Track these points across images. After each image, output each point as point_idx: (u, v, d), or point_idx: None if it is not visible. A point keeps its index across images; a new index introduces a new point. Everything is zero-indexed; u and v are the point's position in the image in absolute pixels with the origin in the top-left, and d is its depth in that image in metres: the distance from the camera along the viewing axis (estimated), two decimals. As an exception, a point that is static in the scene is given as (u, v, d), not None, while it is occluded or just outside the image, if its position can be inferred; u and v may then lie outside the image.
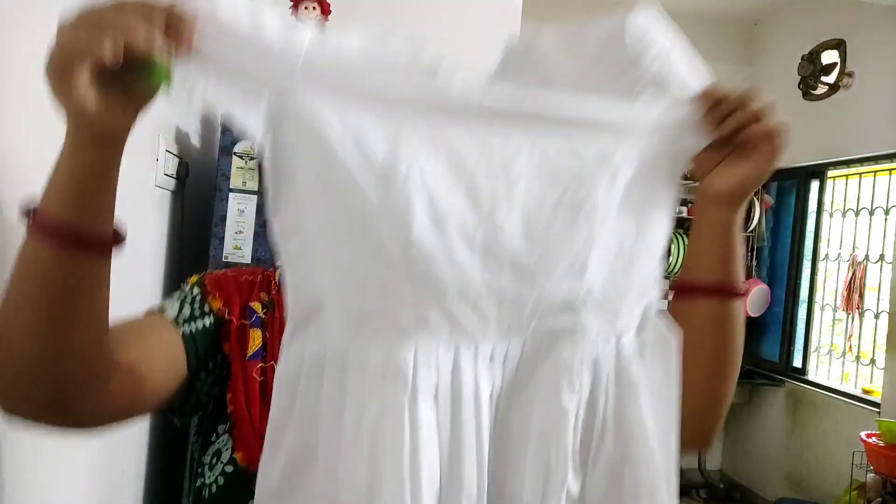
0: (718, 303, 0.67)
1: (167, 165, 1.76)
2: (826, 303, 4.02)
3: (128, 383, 0.62)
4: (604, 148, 0.59)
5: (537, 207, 0.56)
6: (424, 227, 0.52)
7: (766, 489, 4.13)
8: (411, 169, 0.52)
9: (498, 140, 0.56)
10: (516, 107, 0.57)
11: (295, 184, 0.54)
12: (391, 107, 0.53)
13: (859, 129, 3.67)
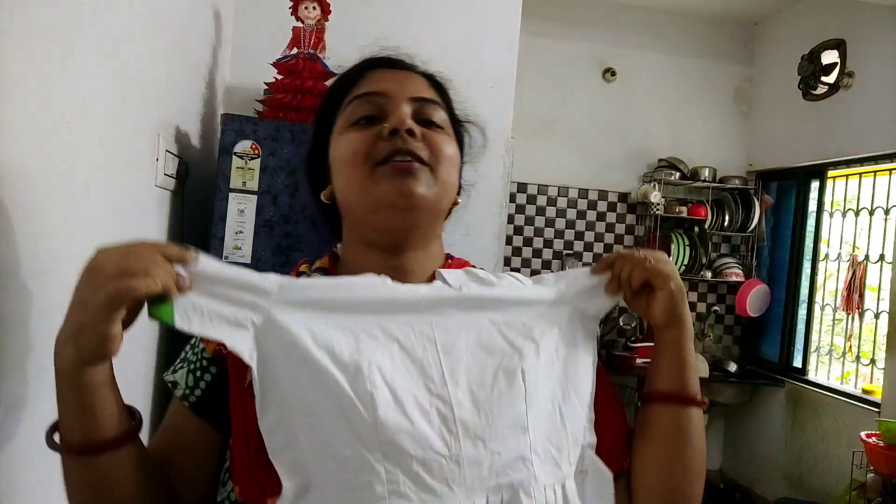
0: (677, 409, 0.77)
1: (167, 165, 1.76)
2: (826, 303, 4.02)
3: (191, 493, 0.77)
4: (526, 323, 0.73)
5: (479, 379, 0.68)
6: (388, 410, 0.63)
7: (766, 489, 4.13)
8: (371, 367, 0.65)
9: (439, 329, 0.69)
10: (450, 295, 0.72)
11: (279, 386, 0.65)
12: (351, 316, 0.68)
13: (859, 129, 3.67)
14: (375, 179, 0.74)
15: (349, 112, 0.78)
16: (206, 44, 2.20)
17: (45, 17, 1.01)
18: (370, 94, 0.78)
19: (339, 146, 0.78)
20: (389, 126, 0.74)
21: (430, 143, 0.76)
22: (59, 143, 1.10)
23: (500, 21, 2.74)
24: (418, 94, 0.79)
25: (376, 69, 0.82)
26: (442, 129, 0.79)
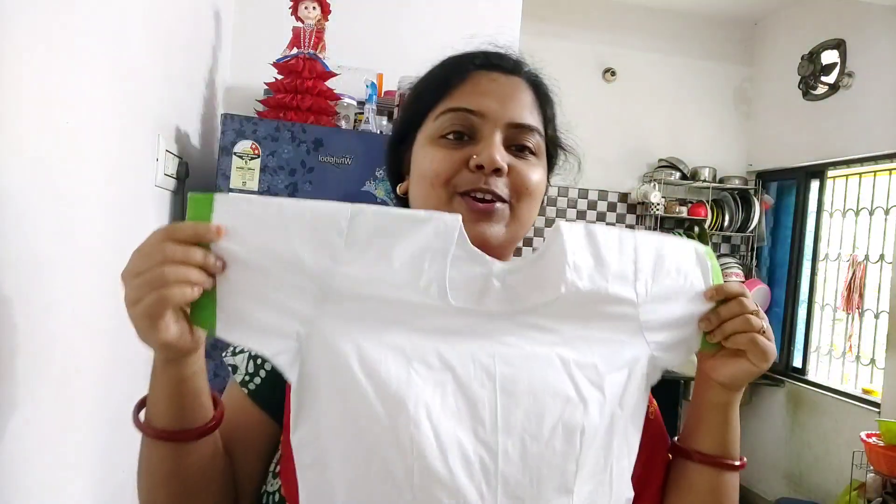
0: (714, 472, 0.73)
1: (167, 165, 1.76)
2: (826, 303, 4.02)
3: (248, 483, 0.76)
4: (598, 366, 0.65)
5: (535, 430, 0.62)
6: (427, 457, 0.58)
7: (766, 489, 4.13)
8: (418, 405, 0.59)
9: (501, 363, 0.62)
10: (514, 309, 0.64)
11: (316, 404, 0.61)
12: (409, 336, 0.62)
13: (859, 129, 3.67)
14: (452, 210, 0.70)
15: (441, 122, 0.74)
16: (206, 44, 2.20)
17: (45, 17, 1.01)
18: (467, 111, 0.73)
19: (423, 157, 0.74)
20: (477, 161, 0.70)
21: (515, 179, 0.72)
22: (59, 143, 1.10)
23: (501, 21, 2.74)
24: (517, 120, 0.73)
25: (482, 70, 0.76)
26: (534, 154, 0.75)
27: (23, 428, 1.04)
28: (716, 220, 4.30)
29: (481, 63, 0.76)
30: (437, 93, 0.76)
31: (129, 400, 0.71)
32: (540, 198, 0.76)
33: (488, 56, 0.78)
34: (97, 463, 1.40)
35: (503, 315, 0.64)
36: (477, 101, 0.73)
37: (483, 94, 0.74)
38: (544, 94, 0.80)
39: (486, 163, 0.70)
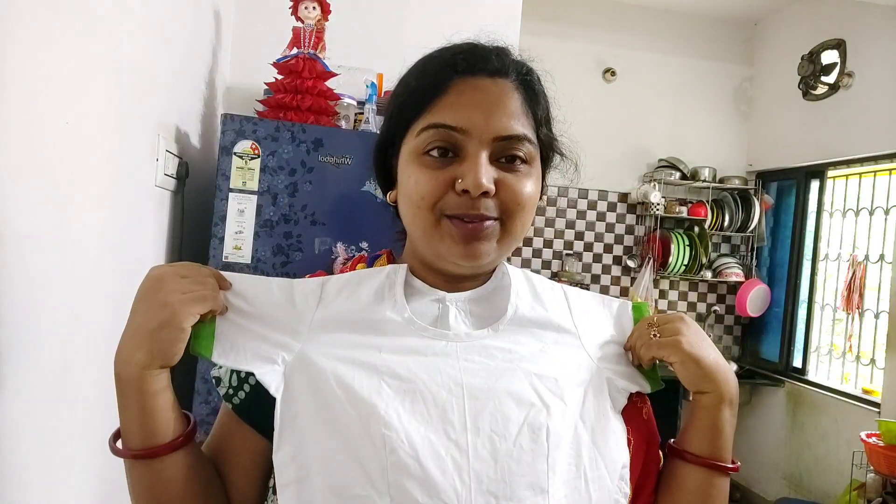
0: (705, 473, 0.74)
1: (167, 165, 1.76)
2: (826, 303, 4.02)
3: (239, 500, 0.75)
4: (558, 380, 0.70)
5: (503, 430, 0.65)
6: (400, 454, 0.62)
7: (766, 489, 4.13)
8: (388, 408, 0.64)
9: (468, 374, 0.68)
10: (473, 333, 0.72)
11: (298, 422, 0.67)
12: (380, 356, 0.68)
13: (859, 129, 3.67)
14: (441, 232, 0.70)
15: (423, 138, 0.70)
16: (206, 44, 2.20)
17: (45, 17, 1.01)
18: (449, 127, 0.69)
19: (407, 176, 0.72)
20: (462, 185, 0.68)
21: (505, 196, 0.70)
22: (59, 143, 1.10)
23: (500, 21, 2.74)
24: (504, 133, 0.69)
25: (465, 76, 0.71)
26: (526, 162, 0.72)
27: (22, 428, 1.04)
28: (716, 220, 4.30)
29: (464, 68, 0.71)
30: (417, 106, 0.72)
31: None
32: (534, 208, 0.74)
33: (471, 58, 0.72)
34: (96, 462, 1.40)
35: (464, 338, 0.71)
36: (459, 117, 0.69)
37: (466, 107, 0.69)
38: (535, 94, 0.75)
39: (471, 188, 0.67)
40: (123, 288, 1.54)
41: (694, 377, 0.72)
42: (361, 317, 0.71)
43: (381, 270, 0.75)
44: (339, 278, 0.74)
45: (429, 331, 0.71)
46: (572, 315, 0.77)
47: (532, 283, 0.77)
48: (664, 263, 4.22)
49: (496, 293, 0.75)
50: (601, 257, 4.47)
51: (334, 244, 1.99)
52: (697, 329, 0.74)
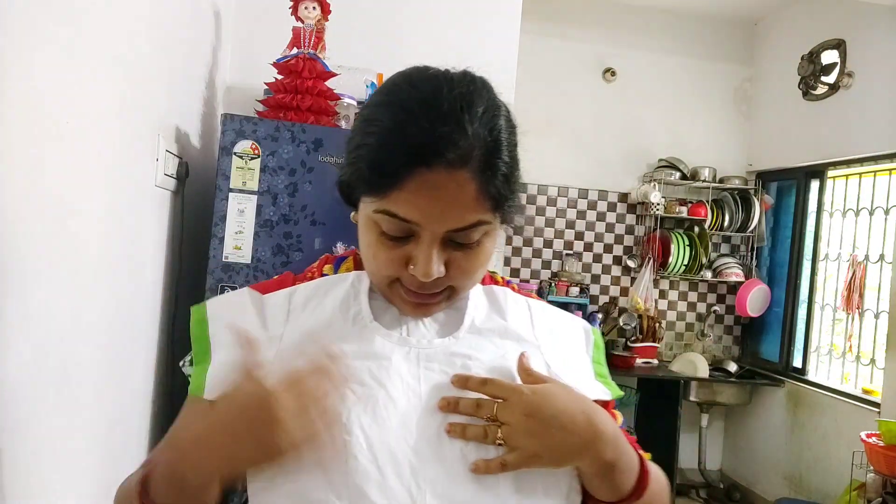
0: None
1: (167, 165, 1.76)
2: (826, 303, 4.02)
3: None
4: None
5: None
6: (361, 459, 0.65)
7: (766, 489, 4.13)
8: (351, 415, 0.67)
9: (425, 383, 0.71)
10: (433, 340, 0.75)
11: None
12: (345, 363, 0.69)
13: (859, 129, 3.67)
14: (393, 292, 0.75)
15: (378, 218, 0.70)
16: (206, 44, 2.20)
17: (45, 17, 1.01)
18: (403, 219, 0.68)
19: (365, 241, 0.74)
20: (413, 272, 0.70)
21: (456, 273, 0.72)
22: (59, 143, 1.10)
23: (500, 21, 2.74)
24: (457, 226, 0.69)
25: (421, 169, 0.66)
26: (479, 241, 0.72)
27: (22, 428, 1.04)
28: (716, 220, 4.30)
29: (421, 161, 0.66)
30: (372, 190, 0.70)
31: (128, 399, 0.72)
32: (486, 267, 0.76)
33: (428, 150, 0.66)
34: (97, 463, 1.40)
35: (426, 345, 0.74)
36: (413, 212, 0.68)
37: (421, 204, 0.67)
38: (494, 171, 0.69)
39: (420, 276, 0.70)
40: (123, 288, 1.54)
41: (561, 468, 0.72)
42: (328, 328, 0.74)
43: (346, 278, 0.79)
44: (307, 288, 0.78)
45: (392, 336, 0.74)
46: (534, 327, 0.80)
47: (494, 296, 0.81)
48: (664, 263, 4.22)
49: (455, 305, 0.79)
50: (601, 257, 4.47)
51: (334, 244, 1.99)
52: (542, 406, 0.69)
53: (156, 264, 1.80)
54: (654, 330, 4.26)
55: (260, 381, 0.62)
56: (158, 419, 1.89)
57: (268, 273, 1.95)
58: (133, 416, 1.66)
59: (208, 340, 0.75)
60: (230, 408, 0.63)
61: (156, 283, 1.81)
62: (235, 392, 0.64)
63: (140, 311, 1.70)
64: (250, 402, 0.62)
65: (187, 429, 0.71)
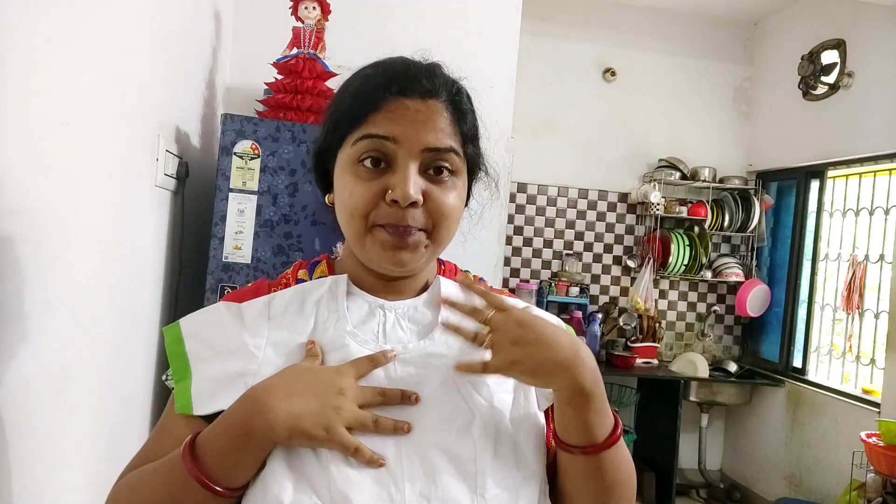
0: (588, 457, 0.75)
1: (167, 165, 1.76)
2: (826, 303, 4.02)
3: None
4: (489, 386, 0.76)
5: (435, 435, 0.72)
6: (341, 465, 0.68)
7: (766, 489, 4.13)
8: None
9: (400, 385, 0.73)
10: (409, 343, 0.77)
11: None
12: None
13: (859, 129, 3.67)
14: (371, 241, 0.76)
15: (357, 148, 0.76)
16: (206, 44, 2.20)
17: (45, 17, 1.01)
18: (382, 137, 0.74)
19: (342, 186, 0.77)
20: (392, 196, 0.73)
21: (431, 207, 0.75)
22: (59, 143, 1.10)
23: (500, 21, 2.74)
24: (432, 145, 0.75)
25: (398, 97, 0.76)
26: (452, 173, 0.77)
27: (22, 427, 1.04)
28: (716, 220, 4.30)
29: (397, 90, 0.76)
30: (352, 120, 0.77)
31: (128, 399, 0.72)
32: (458, 218, 0.80)
33: (404, 81, 0.77)
34: (97, 463, 1.40)
35: (401, 351, 0.76)
36: (391, 128, 0.74)
37: (398, 121, 0.75)
38: (462, 112, 0.79)
39: (400, 199, 0.73)
40: (123, 287, 1.54)
41: (537, 384, 0.75)
42: (307, 334, 0.76)
43: (323, 283, 0.80)
44: (284, 295, 0.79)
45: (370, 344, 0.76)
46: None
47: (469, 293, 0.81)
48: (664, 263, 4.22)
49: (432, 303, 0.81)
50: (601, 257, 4.47)
51: (334, 244, 1.99)
52: (533, 322, 0.72)
53: (156, 264, 1.80)
54: (654, 330, 4.26)
55: (335, 365, 0.72)
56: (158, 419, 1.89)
57: (268, 273, 1.95)
58: (133, 415, 1.66)
59: (186, 358, 0.76)
60: (305, 372, 0.70)
61: (156, 283, 1.81)
62: (308, 364, 0.72)
63: (140, 311, 1.69)
64: (325, 372, 0.71)
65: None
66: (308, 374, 0.70)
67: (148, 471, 0.73)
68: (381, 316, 0.79)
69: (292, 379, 0.69)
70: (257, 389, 0.69)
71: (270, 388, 0.68)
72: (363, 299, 0.80)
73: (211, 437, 0.69)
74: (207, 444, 0.69)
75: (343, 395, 0.69)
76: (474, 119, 0.82)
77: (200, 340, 0.77)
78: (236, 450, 0.68)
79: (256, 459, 0.68)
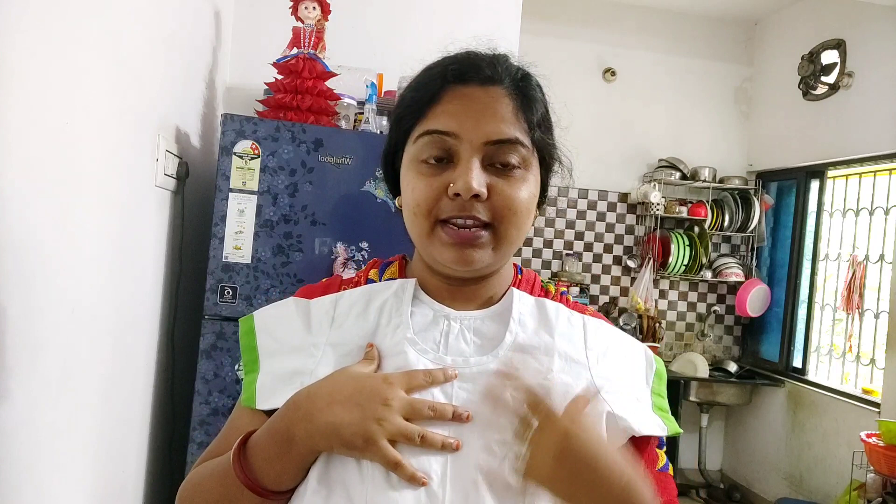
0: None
1: (167, 165, 1.76)
2: (826, 303, 4.02)
3: None
4: None
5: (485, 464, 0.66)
6: (382, 480, 0.65)
7: (766, 489, 4.13)
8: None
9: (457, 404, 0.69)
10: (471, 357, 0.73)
11: None
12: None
13: (859, 129, 3.67)
14: (435, 239, 0.72)
15: (419, 145, 0.73)
16: (206, 44, 2.20)
17: (45, 17, 1.01)
18: (442, 133, 0.71)
19: (406, 184, 0.75)
20: (454, 189, 0.69)
21: (497, 201, 0.71)
22: (60, 144, 1.10)
23: (501, 21, 2.74)
24: (494, 137, 0.71)
25: (456, 85, 0.73)
26: (519, 167, 0.72)
27: (22, 427, 1.04)
28: (716, 220, 4.30)
29: (455, 77, 0.73)
30: (413, 115, 0.74)
31: (127, 399, 0.72)
32: (530, 213, 0.74)
33: (462, 67, 0.74)
34: (97, 463, 1.40)
35: (461, 364, 0.71)
36: (450, 122, 0.71)
37: (457, 113, 0.71)
38: (528, 98, 0.75)
39: (462, 191, 0.69)
40: (124, 287, 1.54)
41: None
42: (367, 337, 0.74)
43: (391, 285, 0.77)
44: (352, 294, 0.78)
45: (429, 353, 0.72)
46: (587, 347, 0.75)
47: (544, 310, 0.76)
48: (664, 263, 4.22)
49: (501, 317, 0.76)
50: (601, 257, 4.47)
51: (334, 244, 1.99)
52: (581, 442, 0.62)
53: (156, 264, 1.80)
54: (654, 330, 4.26)
55: (384, 372, 0.69)
56: (158, 418, 1.89)
57: (268, 273, 1.95)
58: (133, 415, 1.66)
59: (256, 351, 0.76)
60: (350, 378, 0.68)
61: (156, 282, 1.81)
62: (357, 370, 0.69)
63: (140, 311, 1.69)
64: (372, 380, 0.67)
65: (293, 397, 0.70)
66: (353, 382, 0.67)
67: (208, 468, 0.73)
68: (445, 325, 0.74)
69: (337, 385, 0.67)
70: (301, 395, 0.68)
71: (313, 395, 0.67)
72: (429, 306, 0.76)
73: (258, 441, 0.69)
74: (255, 448, 0.68)
75: (388, 406, 0.65)
76: (544, 106, 0.78)
77: (269, 334, 0.77)
78: (281, 456, 0.67)
79: (302, 466, 0.67)
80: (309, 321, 0.76)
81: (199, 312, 1.90)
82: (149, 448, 1.83)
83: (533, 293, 0.80)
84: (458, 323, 0.74)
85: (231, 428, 0.77)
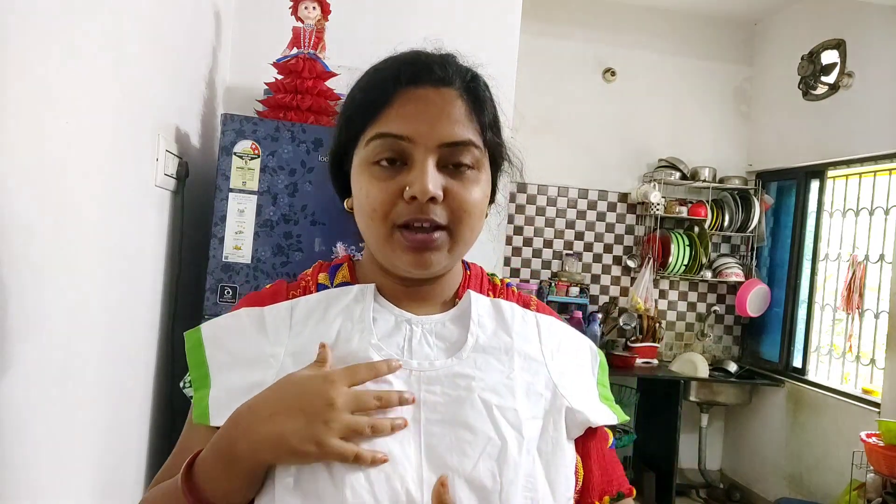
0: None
1: (167, 165, 1.76)
2: (826, 303, 4.02)
3: None
4: (518, 410, 0.71)
5: (457, 464, 0.67)
6: (356, 489, 0.63)
7: (766, 489, 4.13)
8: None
9: (426, 408, 0.69)
10: (435, 360, 0.73)
11: None
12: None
13: (859, 129, 3.67)
14: (393, 244, 0.72)
15: (371, 148, 0.72)
16: (206, 44, 2.20)
17: (45, 17, 1.01)
18: (395, 136, 0.71)
19: (359, 187, 0.74)
20: (410, 192, 0.70)
21: (452, 203, 0.72)
22: (59, 143, 1.10)
23: (500, 21, 2.74)
24: (448, 139, 0.71)
25: (409, 87, 0.73)
26: (472, 168, 0.73)
27: (22, 427, 1.04)
28: (716, 220, 4.30)
29: (408, 79, 0.73)
30: (364, 117, 0.74)
31: (127, 400, 0.72)
32: (482, 213, 0.76)
33: (415, 69, 0.74)
34: (96, 464, 1.40)
35: (427, 367, 0.71)
36: (404, 126, 0.71)
37: (411, 117, 0.71)
38: (479, 100, 0.76)
39: (419, 194, 0.69)
40: (123, 288, 1.54)
41: None
42: (329, 337, 0.72)
43: (349, 291, 0.77)
44: (308, 301, 0.76)
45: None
46: (542, 344, 0.78)
47: (500, 311, 0.78)
48: (664, 263, 4.23)
49: (461, 320, 0.77)
50: (601, 257, 4.47)
51: (334, 244, 1.99)
52: None
53: (156, 264, 1.80)
54: (654, 330, 4.26)
55: (325, 370, 0.67)
56: (158, 419, 1.89)
57: (268, 273, 1.95)
58: (133, 416, 1.66)
59: (206, 365, 0.74)
60: (291, 385, 0.66)
61: (156, 283, 1.81)
62: (300, 374, 0.67)
63: (140, 312, 1.70)
64: (312, 381, 0.66)
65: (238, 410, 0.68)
66: (294, 387, 0.66)
67: (160, 490, 0.71)
68: (408, 330, 0.74)
69: (278, 394, 0.66)
70: (242, 410, 0.66)
71: (254, 408, 0.65)
72: (389, 311, 0.76)
73: (204, 461, 0.66)
74: (201, 468, 0.66)
75: (332, 406, 0.64)
76: (494, 107, 0.78)
77: (220, 347, 0.74)
78: (227, 474, 0.65)
79: (250, 482, 0.65)
80: (265, 330, 0.74)
81: (198, 312, 1.90)
82: (148, 448, 1.83)
83: (482, 288, 0.83)
84: (419, 327, 0.75)
85: (182, 447, 0.75)
